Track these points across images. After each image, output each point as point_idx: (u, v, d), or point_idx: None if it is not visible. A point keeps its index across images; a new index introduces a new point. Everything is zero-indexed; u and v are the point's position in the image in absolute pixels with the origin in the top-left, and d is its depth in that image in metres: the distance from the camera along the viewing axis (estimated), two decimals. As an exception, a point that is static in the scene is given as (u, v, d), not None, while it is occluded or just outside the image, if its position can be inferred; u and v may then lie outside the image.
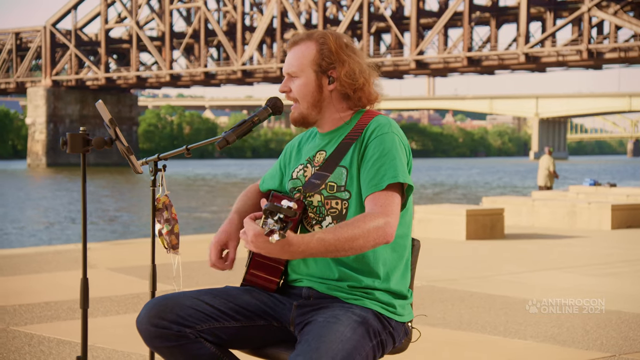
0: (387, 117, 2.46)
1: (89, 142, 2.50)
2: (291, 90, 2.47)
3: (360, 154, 2.39)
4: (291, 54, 2.48)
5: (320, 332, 2.19)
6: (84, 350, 2.85)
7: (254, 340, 2.46)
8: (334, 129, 2.50)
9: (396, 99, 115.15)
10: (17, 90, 73.05)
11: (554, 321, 5.35)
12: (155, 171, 2.62)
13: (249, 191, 2.69)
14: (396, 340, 2.44)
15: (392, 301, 2.42)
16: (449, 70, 55.72)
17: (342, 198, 2.40)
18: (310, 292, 2.43)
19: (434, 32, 53.97)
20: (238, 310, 2.42)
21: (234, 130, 2.42)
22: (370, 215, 2.26)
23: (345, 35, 2.52)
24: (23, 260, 8.08)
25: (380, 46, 60.79)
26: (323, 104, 2.47)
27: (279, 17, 59.55)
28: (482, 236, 10.46)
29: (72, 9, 67.55)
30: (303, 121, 2.49)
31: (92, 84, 67.45)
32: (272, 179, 2.64)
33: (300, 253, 2.14)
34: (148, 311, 2.34)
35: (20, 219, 23.93)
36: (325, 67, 2.44)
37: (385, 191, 2.32)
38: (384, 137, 2.37)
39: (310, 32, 2.49)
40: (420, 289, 6.60)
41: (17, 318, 5.26)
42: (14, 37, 70.54)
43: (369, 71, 2.50)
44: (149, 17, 66.94)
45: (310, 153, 2.53)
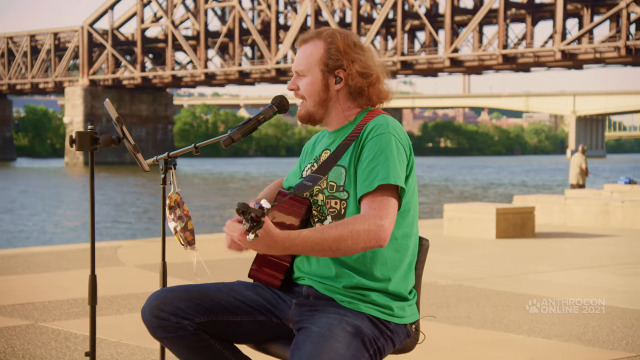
0: (387, 116, 2.45)
1: (96, 140, 2.54)
2: (299, 89, 2.49)
3: (357, 154, 2.39)
4: (300, 52, 2.49)
5: (314, 350, 2.18)
6: (92, 346, 2.90)
7: (253, 335, 2.48)
8: (339, 128, 2.51)
9: (431, 97, 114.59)
10: (55, 90, 73.98)
11: (580, 320, 5.31)
12: (165, 169, 2.66)
13: (274, 184, 2.73)
14: (396, 342, 2.43)
15: (390, 303, 2.40)
16: (483, 68, 55.31)
17: (341, 198, 2.40)
18: (310, 290, 2.44)
19: (469, 30, 53.62)
20: (238, 305, 2.45)
21: (239, 128, 2.44)
22: (362, 217, 2.25)
23: (354, 34, 2.52)
24: (54, 258, 8.21)
25: (414, 44, 60.56)
26: (329, 103, 2.47)
27: (312, 15, 59.59)
28: (513, 235, 10.39)
29: (109, 9, 68.27)
30: (309, 119, 2.49)
31: (129, 83, 68.09)
32: (294, 176, 2.66)
33: (286, 249, 2.16)
34: (150, 303, 2.40)
35: (57, 217, 24.25)
36: (333, 66, 2.44)
37: (379, 193, 2.30)
38: (380, 137, 2.36)
39: (320, 30, 2.49)
40: (446, 288, 6.58)
41: (46, 314, 5.34)
42: (53, 37, 71.44)
43: (380, 69, 2.49)
44: (184, 16, 67.39)
45: (318, 152, 2.55)
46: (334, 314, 2.32)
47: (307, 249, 2.18)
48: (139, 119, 70.37)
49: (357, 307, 2.36)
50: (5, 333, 4.79)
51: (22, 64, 72.60)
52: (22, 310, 5.47)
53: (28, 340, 4.64)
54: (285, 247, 2.15)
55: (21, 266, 7.57)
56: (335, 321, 2.29)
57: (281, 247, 2.14)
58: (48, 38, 71.77)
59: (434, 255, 8.59)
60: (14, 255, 8.42)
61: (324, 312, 2.35)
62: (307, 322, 2.32)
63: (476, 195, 34.54)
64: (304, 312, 2.39)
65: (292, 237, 2.15)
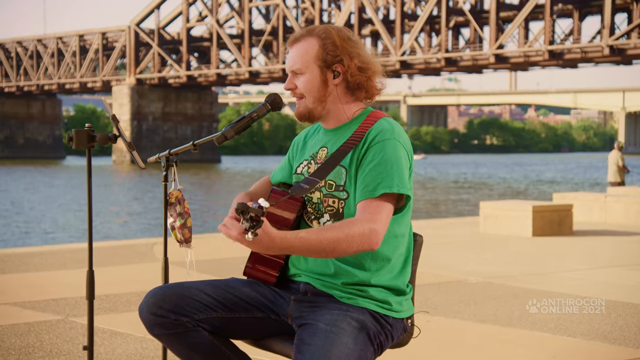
0: (390, 120, 2.45)
1: (93, 138, 2.60)
2: (296, 87, 2.48)
3: (360, 157, 2.39)
4: (293, 51, 2.48)
5: (325, 344, 2.21)
6: (90, 340, 2.96)
7: (252, 332, 2.51)
8: (338, 126, 2.51)
9: (476, 94, 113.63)
10: (103, 89, 74.96)
11: (606, 319, 5.26)
12: (167, 166, 2.71)
13: (262, 181, 2.75)
14: (394, 337, 2.46)
15: (387, 298, 2.43)
16: (529, 64, 54.64)
17: (340, 197, 2.42)
18: (308, 287, 2.47)
19: (514, 26, 53.00)
20: (237, 302, 2.47)
21: (232, 126, 2.48)
22: (357, 221, 2.26)
23: (346, 28, 2.52)
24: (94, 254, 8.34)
25: (458, 41, 60.10)
26: (328, 99, 2.48)
27: (356, 13, 59.49)
28: (550, 232, 10.29)
29: (155, 9, 68.96)
30: (309, 116, 2.50)
31: (174, 82, 68.74)
32: (282, 171, 2.69)
33: (283, 249, 2.17)
34: (148, 300, 2.42)
35: (103, 214, 24.62)
36: (330, 61, 2.44)
37: (377, 199, 2.32)
38: (386, 143, 2.36)
39: (311, 27, 2.49)
40: (476, 286, 6.56)
41: (77, 310, 5.45)
42: (101, 37, 72.42)
43: (374, 62, 2.50)
44: (229, 15, 67.79)
45: (314, 149, 2.55)
46: (337, 310, 2.35)
47: (304, 250, 2.21)
48: (185, 118, 71.03)
49: (357, 303, 2.39)
50: (35, 327, 4.91)
51: (71, 64, 73.75)
52: (54, 305, 5.59)
53: (57, 334, 4.75)
54: (283, 248, 2.17)
55: (57, 262, 7.73)
56: (339, 317, 2.32)
57: (278, 248, 2.16)
58: (96, 38, 72.77)
59: (467, 253, 8.59)
60: (52, 252, 8.60)
61: (325, 308, 2.37)
62: (309, 319, 2.35)
63: (518, 193, 34.20)
64: (304, 308, 2.42)
65: (290, 237, 2.17)
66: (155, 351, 4.33)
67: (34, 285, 6.44)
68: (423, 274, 7.19)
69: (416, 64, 56.58)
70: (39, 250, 8.92)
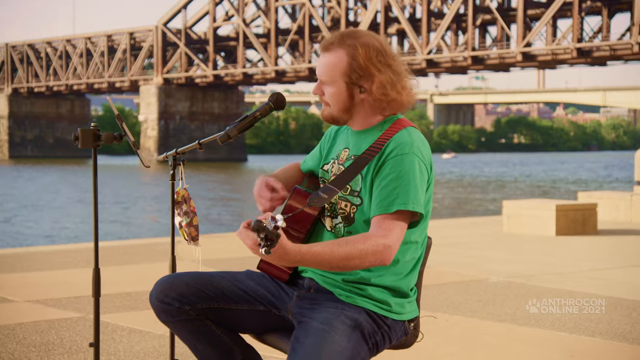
0: (412, 131, 2.42)
1: (99, 138, 2.64)
2: (324, 94, 2.48)
3: (377, 168, 2.38)
4: (323, 60, 2.46)
5: (316, 342, 2.23)
6: (96, 337, 2.99)
7: (252, 325, 2.55)
8: (364, 129, 2.50)
9: (504, 92, 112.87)
10: (131, 89, 75.55)
11: (627, 319, 5.22)
12: (174, 165, 2.73)
13: (291, 165, 2.77)
14: (392, 339, 2.45)
15: (387, 299, 2.43)
16: (557, 62, 54.23)
17: (353, 203, 2.44)
18: (311, 283, 2.50)
19: (542, 23, 52.63)
20: (240, 294, 2.52)
21: (235, 125, 2.50)
22: (372, 237, 2.28)
23: (377, 38, 2.45)
24: (115, 252, 8.44)
25: (485, 39, 59.76)
26: (354, 110, 2.47)
27: (382, 11, 59.41)
28: (573, 232, 10.21)
29: (182, 9, 69.33)
30: (333, 121, 2.51)
31: (201, 81, 69.08)
32: (312, 159, 2.71)
33: (296, 262, 2.22)
34: (156, 288, 2.52)
35: (131, 213, 24.81)
36: (356, 79, 2.42)
37: (392, 215, 2.32)
38: (404, 157, 2.35)
39: (342, 37, 2.45)
40: (496, 285, 6.54)
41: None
42: (128, 37, 72.96)
43: (401, 78, 2.45)
44: (255, 14, 68.00)
45: (339, 147, 2.56)
46: (332, 308, 2.37)
47: (316, 264, 2.24)
48: (211, 117, 71.35)
49: (354, 301, 2.40)
50: (56, 325, 4.97)
51: (100, 64, 74.37)
52: (75, 303, 5.66)
53: (77, 332, 4.80)
54: (296, 261, 2.21)
55: (83, 260, 7.81)
56: (333, 315, 2.33)
57: (292, 260, 2.20)
58: (124, 38, 73.32)
59: (489, 252, 8.56)
60: (77, 250, 8.69)
61: (323, 306, 2.39)
62: (306, 316, 2.37)
63: (544, 192, 33.96)
64: (304, 305, 2.44)
65: (303, 251, 2.20)
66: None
67: (56, 283, 6.51)
68: (444, 273, 7.19)
69: (442, 62, 56.37)
70: (63, 249, 9.02)
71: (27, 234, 19.91)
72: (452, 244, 9.32)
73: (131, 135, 2.64)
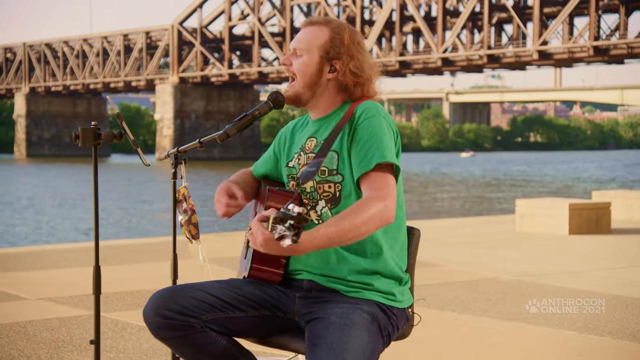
0: (374, 101, 2.50)
1: (99, 136, 2.66)
2: (292, 65, 2.54)
3: (350, 137, 2.44)
4: (304, 31, 2.54)
5: (341, 338, 2.24)
6: (96, 334, 3.02)
7: (259, 330, 2.51)
8: (325, 115, 2.56)
9: (520, 91, 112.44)
10: (147, 88, 75.78)
11: (637, 318, 5.21)
12: (175, 164, 2.75)
13: (242, 171, 2.77)
14: (399, 327, 2.49)
15: (392, 289, 2.46)
16: (574, 61, 53.91)
17: (335, 181, 2.45)
18: (312, 284, 2.48)
19: (558, 21, 52.35)
20: (242, 300, 2.47)
21: (234, 124, 2.52)
22: (368, 200, 2.31)
23: (360, 33, 2.58)
24: (128, 251, 8.49)
25: (501, 37, 59.51)
26: (317, 90, 2.53)
27: (398, 10, 59.30)
28: (587, 231, 10.17)
29: (198, 8, 69.50)
30: (295, 99, 2.55)
31: (216, 80, 69.22)
32: (265, 164, 2.73)
33: (308, 249, 2.23)
34: (154, 302, 2.41)
35: (148, 212, 24.92)
36: (333, 55, 2.50)
37: (378, 172, 2.36)
38: (372, 119, 2.42)
39: (329, 18, 2.56)
40: (507, 284, 6.53)
41: (108, 305, 5.55)
42: (144, 36, 73.20)
43: (373, 72, 2.55)
44: (271, 13, 68.06)
45: (302, 141, 2.59)
46: (346, 303, 2.38)
47: (327, 244, 2.25)
48: (227, 115, 71.48)
49: (363, 295, 2.42)
50: (66, 322, 5.01)
51: (116, 63, 74.67)
52: (87, 301, 5.70)
53: (87, 329, 4.84)
54: (307, 248, 2.22)
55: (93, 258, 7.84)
56: (350, 310, 2.35)
57: (303, 248, 2.21)
58: (140, 37, 73.56)
59: (501, 251, 8.54)
60: (89, 248, 8.74)
61: (334, 302, 2.40)
62: (319, 313, 2.37)
63: (558, 191, 33.80)
64: (311, 304, 2.44)
65: (314, 236, 2.22)
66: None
67: (69, 281, 6.57)
68: (455, 272, 7.19)
69: (458, 61, 56.19)
70: (76, 247, 9.08)
71: (39, 232, 20.06)
72: (464, 243, 9.31)
73: (131, 134, 2.66)
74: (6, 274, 6.94)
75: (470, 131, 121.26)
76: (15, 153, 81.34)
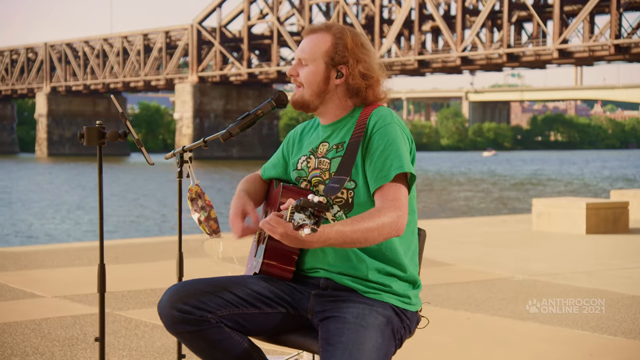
0: (387, 107, 2.50)
1: (104, 135, 2.68)
2: (298, 75, 2.53)
3: (365, 146, 2.44)
4: (306, 40, 2.54)
5: (357, 339, 2.26)
6: (101, 331, 3.04)
7: (272, 327, 2.50)
8: (336, 120, 2.55)
9: (540, 90, 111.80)
10: (166, 87, 76.11)
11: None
12: (181, 163, 2.77)
13: (251, 177, 2.76)
14: (412, 330, 2.51)
15: (408, 292, 2.48)
16: (594, 59, 53.53)
17: (348, 188, 2.45)
18: (328, 283, 2.48)
19: (579, 20, 52.02)
20: (256, 297, 2.47)
21: (237, 123, 2.54)
22: (383, 209, 2.32)
23: (362, 34, 2.56)
24: (144, 249, 8.54)
25: (521, 36, 59.24)
26: (326, 96, 2.52)
27: (417, 9, 59.16)
28: (604, 230, 10.10)
29: (217, 7, 69.70)
30: (302, 105, 2.54)
31: (235, 79, 69.40)
32: (274, 168, 2.72)
33: (321, 243, 2.23)
34: (170, 296, 2.41)
35: (166, 211, 25.02)
36: (338, 61, 2.49)
37: (393, 183, 2.37)
38: (387, 127, 2.42)
39: (330, 24, 2.55)
40: (521, 283, 6.51)
41: (122, 303, 5.59)
42: (164, 35, 73.51)
43: (381, 71, 2.55)
44: (290, 12, 68.14)
45: (313, 144, 2.58)
46: (362, 304, 2.39)
47: (340, 242, 2.26)
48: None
49: (381, 298, 2.43)
50: (81, 320, 5.05)
51: (136, 62, 75.06)
52: (102, 298, 5.74)
53: (100, 326, 4.87)
54: (322, 241, 2.23)
55: (109, 257, 7.90)
56: (366, 311, 2.36)
57: (317, 242, 2.22)
58: (160, 36, 73.89)
59: (517, 250, 8.51)
60: (108, 247, 8.80)
61: (350, 301, 2.40)
62: (334, 312, 2.38)
63: (575, 190, 33.60)
64: (326, 302, 2.45)
65: (327, 231, 2.23)
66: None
67: (84, 279, 6.60)
68: (470, 271, 7.17)
69: (477, 59, 55.98)
70: (93, 245, 9.14)
71: (60, 231, 20.20)
72: (481, 242, 9.28)
73: (135, 133, 2.68)
74: (23, 272, 7.00)
75: (490, 130, 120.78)
76: (37, 152, 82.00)
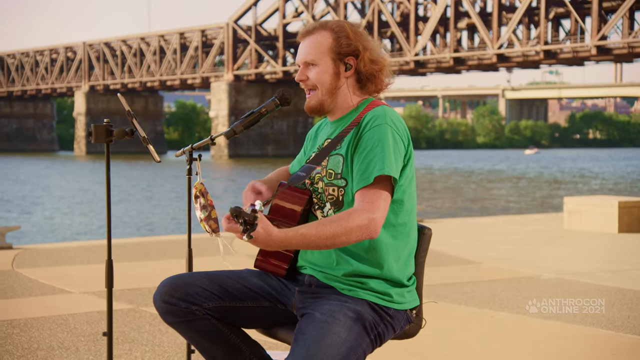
0: (386, 107, 2.49)
1: (111, 133, 2.73)
2: (308, 79, 2.55)
3: (354, 144, 2.45)
4: (306, 42, 2.54)
5: (318, 334, 2.27)
6: (109, 326, 3.10)
7: (259, 320, 2.59)
8: (342, 116, 2.57)
9: (579, 87, 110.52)
10: (202, 85, 76.59)
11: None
12: (190, 160, 2.81)
13: (281, 169, 2.83)
14: (396, 328, 2.49)
15: (388, 290, 2.46)
16: (634, 56, 52.79)
17: (339, 185, 2.48)
18: (312, 279, 2.54)
19: (618, 16, 51.29)
20: (245, 291, 2.56)
21: (241, 121, 2.57)
22: (355, 212, 2.32)
23: (359, 24, 2.58)
24: (170, 246, 8.63)
25: (559, 32, 58.59)
26: (338, 91, 2.54)
27: (452, 6, 58.82)
28: (637, 229, 9.98)
29: (253, 6, 69.98)
30: (319, 108, 2.56)
31: (270, 77, 69.63)
32: (299, 164, 2.76)
33: (284, 246, 2.26)
34: (161, 289, 2.54)
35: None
36: (344, 53, 2.50)
37: (373, 186, 2.36)
38: (377, 128, 2.41)
39: (323, 21, 2.56)
40: (548, 282, 6.47)
41: (147, 299, 5.66)
42: (200, 34, 74.00)
43: (385, 57, 2.56)
44: (325, 10, 68.15)
45: (320, 141, 2.62)
46: (336, 300, 2.42)
47: (303, 245, 2.29)
48: (281, 113, 71.85)
49: (357, 294, 2.44)
50: (106, 315, 5.12)
51: (172, 61, 75.65)
52: (129, 295, 5.82)
53: (126, 323, 4.95)
54: (283, 245, 2.26)
55: (140, 253, 8.01)
56: (336, 307, 2.38)
57: (279, 245, 2.25)
58: (196, 35, 74.39)
59: (546, 249, 8.45)
60: (136, 244, 8.92)
61: (326, 299, 2.44)
62: (310, 309, 2.42)
63: (612, 189, 33.18)
64: (307, 299, 2.50)
65: (290, 235, 2.26)
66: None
67: (114, 275, 6.69)
68: (497, 269, 7.14)
69: (514, 57, 55.53)
70: (124, 242, 9.25)
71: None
72: (510, 241, 9.23)
73: (142, 131, 2.73)
74: (54, 268, 7.12)
75: (527, 128, 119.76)
76: (75, 150, 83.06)
